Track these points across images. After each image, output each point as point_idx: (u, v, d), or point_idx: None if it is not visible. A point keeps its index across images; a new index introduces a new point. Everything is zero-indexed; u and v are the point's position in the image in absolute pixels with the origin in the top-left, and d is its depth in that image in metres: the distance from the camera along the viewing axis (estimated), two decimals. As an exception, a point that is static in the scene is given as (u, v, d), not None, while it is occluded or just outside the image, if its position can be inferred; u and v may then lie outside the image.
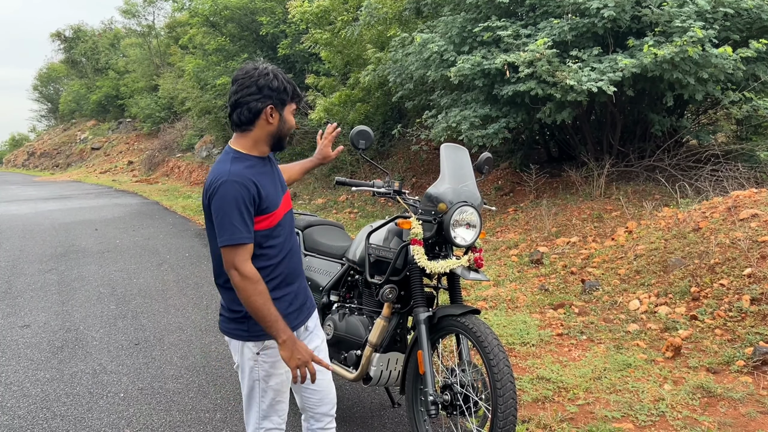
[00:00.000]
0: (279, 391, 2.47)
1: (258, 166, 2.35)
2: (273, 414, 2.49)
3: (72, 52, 39.10)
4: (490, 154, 3.40)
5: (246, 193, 2.24)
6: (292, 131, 2.41)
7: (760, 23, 7.23)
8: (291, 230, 2.48)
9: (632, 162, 8.55)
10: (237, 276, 2.25)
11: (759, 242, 5.08)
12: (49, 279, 7.56)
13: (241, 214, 2.23)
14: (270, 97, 2.30)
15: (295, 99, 2.38)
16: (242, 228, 2.23)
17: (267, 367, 2.42)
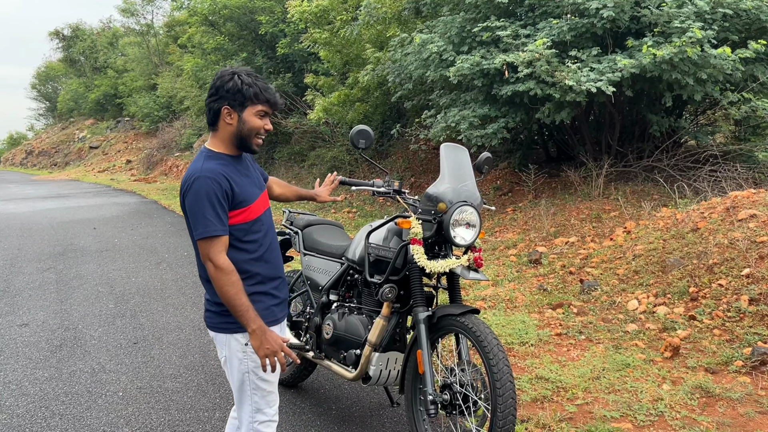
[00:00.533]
0: (270, 382, 2.50)
1: (231, 163, 2.45)
2: (265, 406, 2.51)
3: (70, 51, 39.08)
4: (489, 154, 3.41)
5: (218, 187, 2.33)
6: (261, 133, 2.44)
7: (759, 24, 7.24)
8: (270, 227, 2.57)
9: (631, 162, 8.56)
10: (212, 267, 2.33)
11: (757, 243, 5.09)
12: (47, 278, 7.56)
13: (214, 208, 2.32)
14: (225, 98, 2.39)
15: (258, 101, 2.39)
16: (215, 221, 2.32)
17: (256, 357, 2.45)
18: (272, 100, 2.42)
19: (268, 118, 2.46)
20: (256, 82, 2.41)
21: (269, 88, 2.43)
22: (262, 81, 2.44)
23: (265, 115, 2.44)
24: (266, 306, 2.49)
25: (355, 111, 12.58)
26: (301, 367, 4.09)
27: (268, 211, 2.60)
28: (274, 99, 2.43)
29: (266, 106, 2.42)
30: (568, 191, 8.63)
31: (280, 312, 2.59)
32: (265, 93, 2.41)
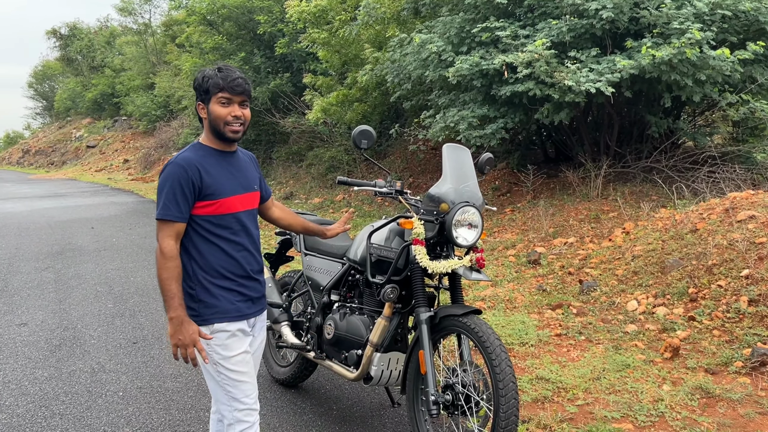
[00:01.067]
0: (239, 372, 2.54)
1: (214, 156, 2.54)
2: (240, 395, 2.54)
3: (68, 50, 38.98)
4: (490, 155, 3.41)
5: (184, 174, 2.43)
6: (230, 121, 2.48)
7: (758, 25, 7.27)
8: (248, 229, 2.61)
9: (629, 163, 8.58)
10: (157, 249, 2.43)
11: (756, 244, 5.11)
12: (45, 277, 7.54)
13: (174, 194, 2.42)
14: (197, 95, 2.53)
15: (218, 90, 2.45)
16: (171, 206, 2.42)
17: (219, 350, 2.51)
18: (229, 85, 2.45)
19: (235, 106, 2.48)
20: (219, 73, 2.47)
21: (230, 77, 2.46)
22: (228, 71, 2.48)
23: (229, 102, 2.47)
24: (231, 301, 2.53)
25: (353, 111, 12.57)
26: (302, 368, 4.09)
27: (250, 213, 2.64)
28: (230, 84, 2.45)
29: (226, 93, 2.46)
30: (567, 192, 8.64)
31: (249, 309, 2.61)
32: (223, 81, 2.45)
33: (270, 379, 4.36)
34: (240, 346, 2.55)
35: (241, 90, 2.47)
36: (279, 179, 16.22)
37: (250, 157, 2.78)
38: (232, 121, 2.48)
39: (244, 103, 2.52)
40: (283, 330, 3.89)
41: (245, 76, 2.54)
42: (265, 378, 4.38)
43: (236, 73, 2.49)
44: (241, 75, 2.50)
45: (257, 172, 2.76)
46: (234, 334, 2.54)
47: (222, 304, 2.51)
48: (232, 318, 2.53)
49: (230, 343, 2.53)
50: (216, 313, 2.51)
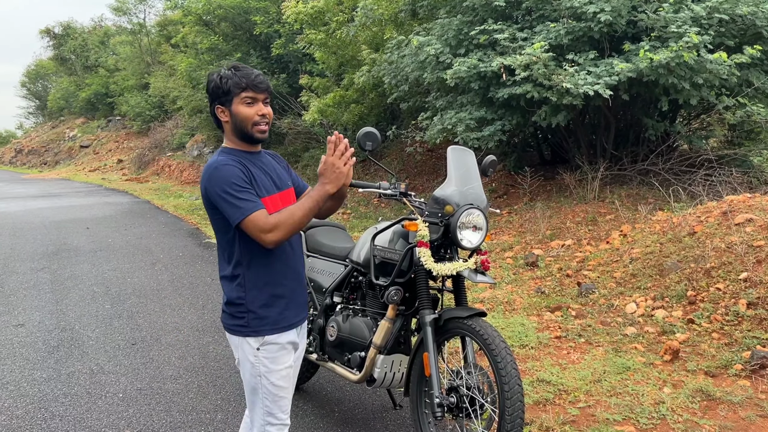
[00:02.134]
0: (281, 387, 2.47)
1: (245, 158, 2.43)
2: (277, 410, 2.49)
3: (61, 49, 38.84)
4: (494, 157, 3.42)
5: (238, 171, 2.33)
6: (258, 121, 2.38)
7: (754, 29, 7.31)
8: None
9: (626, 166, 8.61)
10: (269, 236, 2.29)
11: (754, 247, 5.13)
12: (41, 278, 7.51)
13: (241, 189, 2.30)
14: (214, 98, 2.42)
15: (240, 89, 2.35)
16: (248, 198, 2.30)
17: (268, 362, 2.44)
18: (252, 83, 2.35)
19: (260, 104, 2.39)
20: (236, 72, 2.37)
21: (250, 74, 2.36)
22: (245, 69, 2.38)
23: (254, 101, 2.37)
24: (280, 311, 2.44)
25: (350, 112, 12.57)
26: (304, 370, 4.08)
27: None
28: (254, 82, 2.35)
29: (250, 92, 2.36)
30: (564, 194, 8.66)
31: (296, 316, 2.51)
32: (245, 79, 2.35)
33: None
34: (287, 361, 2.48)
35: (265, 87, 2.38)
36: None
37: (273, 155, 2.67)
38: (260, 121, 2.38)
39: (267, 101, 2.42)
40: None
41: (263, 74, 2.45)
42: (266, 380, 4.36)
43: (255, 70, 2.40)
44: (260, 72, 2.41)
45: (286, 168, 2.64)
46: (284, 347, 2.46)
47: (272, 314, 2.42)
48: (282, 329, 2.45)
49: (279, 356, 2.45)
50: (267, 324, 2.42)
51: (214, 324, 5.64)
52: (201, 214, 13.00)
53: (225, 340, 5.22)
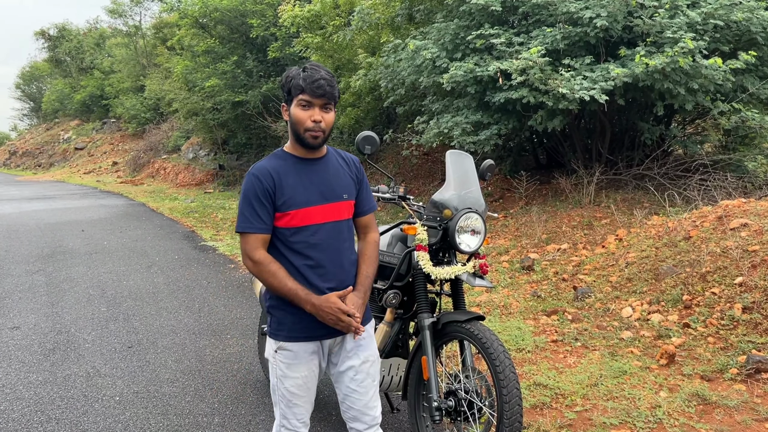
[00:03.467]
0: (295, 395, 2.45)
1: (294, 164, 2.39)
2: (291, 416, 2.49)
3: (56, 51, 38.76)
4: (492, 161, 3.43)
5: (259, 185, 2.33)
6: (310, 127, 2.31)
7: (749, 35, 7.36)
8: (330, 244, 2.40)
9: (621, 170, 8.65)
10: (249, 263, 2.34)
11: (749, 251, 5.16)
12: (37, 280, 7.48)
13: (252, 205, 2.32)
14: (283, 95, 2.40)
15: (299, 92, 2.29)
16: (251, 218, 2.32)
17: (283, 367, 2.44)
18: (310, 87, 2.27)
19: (316, 109, 2.30)
20: (303, 72, 2.31)
21: (312, 77, 2.28)
22: (312, 71, 2.30)
23: (309, 105, 2.30)
24: (299, 320, 2.39)
25: (346, 116, 12.59)
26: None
27: (336, 225, 2.43)
28: (312, 86, 2.27)
29: (307, 95, 2.28)
30: (559, 198, 8.69)
31: (321, 329, 2.41)
32: (304, 82, 2.28)
33: (268, 384, 4.35)
34: (302, 370, 2.42)
35: (323, 92, 2.28)
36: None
37: (349, 160, 2.54)
38: (313, 127, 2.31)
39: (327, 107, 2.32)
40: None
41: (332, 77, 2.33)
42: (263, 383, 4.37)
43: (320, 72, 2.30)
44: (325, 75, 2.29)
45: (355, 178, 2.52)
46: (298, 356, 2.41)
47: (289, 322, 2.39)
48: (298, 338, 2.40)
49: (294, 364, 2.41)
50: (283, 330, 2.41)
51: (211, 327, 5.64)
52: (196, 217, 12.99)
53: (221, 343, 5.22)
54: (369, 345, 2.54)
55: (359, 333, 2.37)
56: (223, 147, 19.76)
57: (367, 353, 2.52)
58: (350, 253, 2.48)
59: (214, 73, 16.72)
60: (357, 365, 2.49)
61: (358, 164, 2.58)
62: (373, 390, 2.56)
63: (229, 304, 6.40)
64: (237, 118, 17.29)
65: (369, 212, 2.58)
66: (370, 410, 2.55)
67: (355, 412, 2.54)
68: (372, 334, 2.58)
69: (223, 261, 8.56)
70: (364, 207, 2.56)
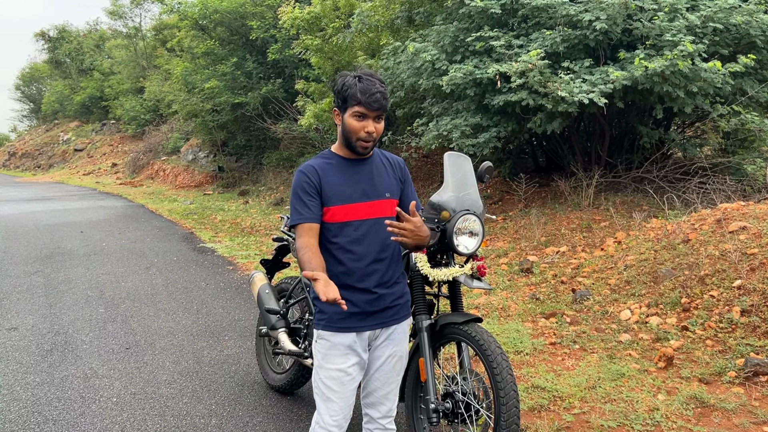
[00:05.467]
0: (329, 388, 2.50)
1: (338, 163, 2.51)
2: (324, 411, 2.52)
3: (56, 53, 38.76)
4: (490, 163, 3.43)
5: (304, 178, 2.46)
6: (362, 137, 2.42)
7: (748, 39, 7.36)
8: (373, 240, 2.50)
9: (620, 173, 8.65)
10: (297, 249, 2.44)
11: (748, 254, 5.15)
12: (35, 281, 7.47)
13: (300, 198, 2.46)
14: (336, 99, 2.48)
15: (354, 102, 2.38)
16: (302, 210, 2.45)
17: (320, 357, 2.53)
18: (367, 101, 2.36)
19: (369, 120, 2.40)
20: (359, 83, 2.38)
21: (368, 90, 2.36)
22: (367, 82, 2.38)
23: (364, 117, 2.39)
24: (339, 312, 2.47)
25: (345, 118, 12.58)
26: (298, 375, 4.08)
27: (379, 222, 2.52)
28: (369, 100, 2.36)
29: (363, 108, 2.37)
30: (558, 201, 8.69)
31: (361, 322, 2.51)
32: (361, 94, 2.36)
33: (266, 386, 4.35)
34: (339, 362, 2.49)
35: (379, 106, 2.38)
36: (269, 185, 16.20)
37: (393, 162, 2.68)
38: (365, 137, 2.42)
39: (379, 118, 2.44)
40: (281, 336, 3.87)
41: (385, 89, 2.42)
42: (261, 385, 4.36)
43: (376, 86, 2.38)
44: (380, 89, 2.39)
45: (398, 178, 2.66)
46: (335, 347, 2.49)
47: (330, 312, 2.49)
48: (336, 329, 2.48)
49: (330, 354, 2.49)
50: (323, 320, 2.51)
51: (209, 328, 5.63)
52: (195, 219, 12.99)
53: (219, 344, 5.21)
54: (401, 340, 2.67)
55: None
56: (222, 149, 19.76)
57: (398, 348, 2.66)
58: (393, 248, 2.58)
59: (213, 74, 16.73)
60: (385, 356, 2.62)
61: (403, 165, 2.73)
62: (395, 384, 2.69)
63: (228, 305, 6.39)
64: (236, 119, 17.29)
65: (412, 201, 2.67)
66: (389, 401, 2.68)
67: (374, 399, 2.67)
68: (407, 331, 2.70)
69: (221, 263, 8.56)
70: (408, 201, 2.69)
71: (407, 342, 2.70)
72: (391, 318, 2.61)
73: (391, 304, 2.58)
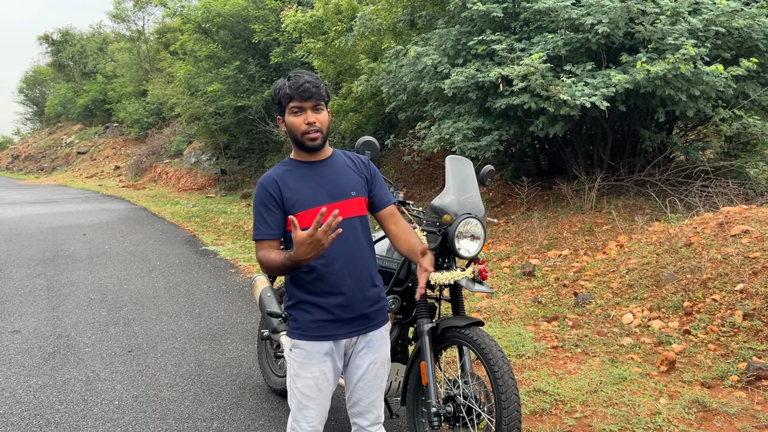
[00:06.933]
0: (306, 396, 2.46)
1: (299, 169, 2.47)
2: (300, 418, 2.49)
3: (59, 56, 38.84)
4: (492, 167, 3.44)
5: (265, 193, 2.42)
6: (306, 130, 2.37)
7: (751, 42, 7.36)
8: (343, 243, 2.40)
9: (622, 176, 8.64)
10: (261, 265, 2.39)
11: (750, 258, 5.15)
12: (37, 284, 7.49)
13: (260, 212, 2.42)
14: (276, 110, 2.51)
15: (289, 100, 2.36)
16: (261, 225, 2.41)
17: (296, 366, 2.47)
18: (296, 92, 2.33)
19: (307, 112, 2.36)
20: (288, 81, 2.37)
21: (295, 83, 2.34)
22: (295, 78, 2.36)
23: (301, 110, 2.36)
24: (314, 318, 2.43)
25: (348, 121, 12.61)
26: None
27: (349, 222, 2.43)
28: (298, 92, 2.33)
29: (295, 102, 2.35)
30: (560, 204, 8.68)
31: (338, 329, 2.45)
32: (290, 90, 2.34)
33: (267, 389, 4.35)
34: (316, 370, 2.45)
35: (310, 94, 2.34)
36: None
37: (356, 160, 2.60)
38: (308, 129, 2.37)
39: (317, 108, 2.38)
40: (282, 340, 3.87)
41: (316, 79, 2.38)
42: (263, 388, 4.36)
43: (304, 77, 2.36)
44: (309, 79, 2.35)
45: (363, 176, 2.56)
46: (311, 355, 2.44)
47: (305, 321, 2.44)
48: (311, 337, 2.43)
49: (306, 363, 2.44)
50: (298, 328, 2.45)
51: (211, 331, 5.63)
52: (198, 222, 13.00)
53: (221, 347, 5.22)
54: (381, 347, 2.59)
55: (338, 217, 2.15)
56: (224, 152, 19.78)
57: (378, 354, 2.58)
58: (365, 249, 2.52)
59: (216, 77, 16.75)
60: (366, 365, 2.55)
61: (367, 161, 2.64)
62: (380, 391, 2.64)
63: (230, 308, 6.39)
64: (239, 122, 17.31)
65: (387, 204, 2.62)
66: (375, 408, 2.64)
67: (360, 408, 2.62)
68: (386, 337, 2.62)
69: (223, 266, 8.57)
70: (382, 201, 2.61)
71: (388, 347, 2.62)
72: (368, 325, 2.53)
73: (367, 311, 2.50)
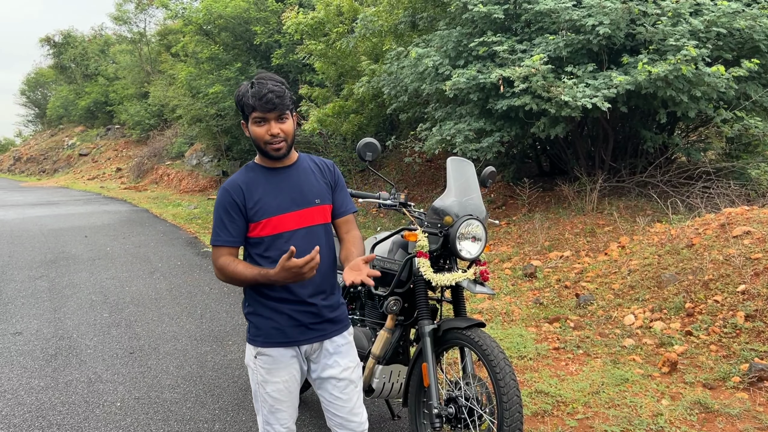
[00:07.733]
0: (277, 399, 2.46)
1: (263, 175, 2.42)
2: (274, 422, 2.49)
3: (61, 58, 38.89)
4: (493, 168, 3.44)
5: (228, 198, 2.38)
6: (269, 140, 2.33)
7: (752, 43, 7.35)
8: (307, 250, 2.33)
9: (624, 177, 8.64)
10: (216, 271, 2.40)
11: (752, 259, 5.14)
12: (39, 286, 7.50)
13: (221, 218, 2.39)
14: (240, 115, 2.47)
15: (252, 110, 2.30)
16: (220, 231, 2.39)
17: (263, 372, 2.45)
18: (260, 104, 2.27)
19: (271, 123, 2.31)
20: (251, 89, 2.30)
21: (258, 93, 2.27)
22: (258, 86, 2.29)
23: (264, 120, 2.31)
24: (278, 326, 2.41)
25: (349, 122, 12.62)
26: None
27: (310, 230, 2.42)
28: (261, 102, 2.27)
29: (258, 113, 2.30)
30: (562, 205, 8.68)
31: (301, 335, 2.44)
32: (253, 99, 2.27)
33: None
34: (282, 375, 2.44)
35: (272, 106, 2.27)
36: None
37: (322, 166, 2.55)
38: (271, 140, 2.32)
39: (282, 117, 2.32)
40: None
41: (280, 86, 2.31)
42: (264, 389, 4.36)
43: (268, 86, 2.28)
44: (273, 88, 2.28)
45: (327, 182, 2.53)
46: (278, 360, 2.43)
47: (267, 328, 2.41)
48: (275, 344, 2.41)
49: (274, 368, 2.43)
50: (260, 335, 2.43)
51: (212, 333, 5.64)
52: (199, 223, 13.01)
53: (223, 349, 5.22)
54: (348, 352, 2.55)
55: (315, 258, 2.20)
56: (226, 153, 19.79)
57: (347, 360, 2.53)
58: (328, 258, 2.49)
59: (217, 79, 16.77)
60: (338, 373, 2.50)
61: (332, 167, 2.59)
62: (357, 396, 2.56)
63: (231, 310, 6.40)
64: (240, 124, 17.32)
65: (346, 213, 2.57)
66: (356, 416, 2.55)
67: (340, 419, 2.54)
68: (351, 341, 2.59)
69: (225, 267, 8.56)
70: (341, 209, 2.56)
71: (355, 351, 2.59)
72: (331, 330, 2.50)
73: (329, 317, 2.48)
